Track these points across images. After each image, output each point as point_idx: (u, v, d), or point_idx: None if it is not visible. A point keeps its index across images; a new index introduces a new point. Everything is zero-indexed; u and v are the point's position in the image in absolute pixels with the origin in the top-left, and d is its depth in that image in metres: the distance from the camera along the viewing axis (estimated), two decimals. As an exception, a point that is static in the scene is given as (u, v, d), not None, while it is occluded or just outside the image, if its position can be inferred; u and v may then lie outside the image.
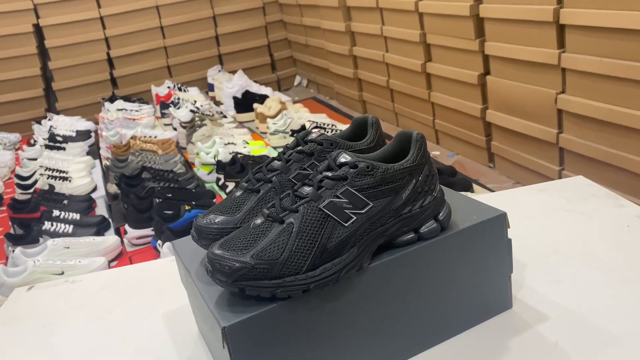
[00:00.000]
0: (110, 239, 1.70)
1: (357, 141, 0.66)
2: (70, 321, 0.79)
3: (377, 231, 0.54)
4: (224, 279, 0.52)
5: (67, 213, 1.86)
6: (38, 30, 3.32)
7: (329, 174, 0.54)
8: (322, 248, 0.51)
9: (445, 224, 0.58)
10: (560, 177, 1.88)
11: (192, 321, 0.72)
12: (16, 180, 2.27)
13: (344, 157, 0.54)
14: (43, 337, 0.76)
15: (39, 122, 3.09)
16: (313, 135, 0.66)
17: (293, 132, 2.45)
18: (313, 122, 2.45)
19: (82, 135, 2.88)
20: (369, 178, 0.53)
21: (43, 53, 3.38)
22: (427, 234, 0.57)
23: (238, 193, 0.64)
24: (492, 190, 2.02)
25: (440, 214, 0.58)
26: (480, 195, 1.07)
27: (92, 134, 2.95)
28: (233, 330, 0.51)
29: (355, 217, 0.53)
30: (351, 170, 0.53)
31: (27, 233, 1.74)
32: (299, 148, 0.65)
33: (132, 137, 2.42)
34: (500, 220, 0.61)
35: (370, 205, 0.53)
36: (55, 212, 1.84)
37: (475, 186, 2.00)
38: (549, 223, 0.83)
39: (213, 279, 0.53)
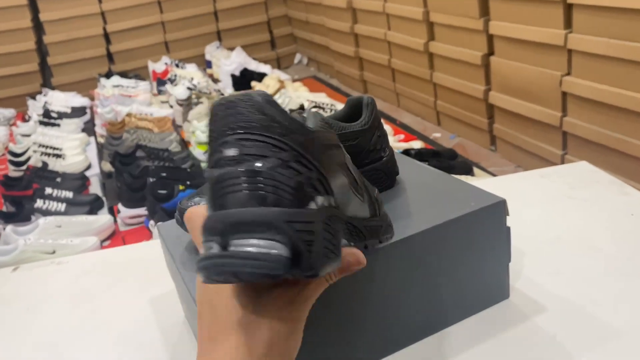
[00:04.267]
0: (102, 218, 1.68)
1: (352, 122, 0.63)
2: (55, 304, 0.76)
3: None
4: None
5: (60, 191, 1.83)
6: (32, 4, 3.25)
7: None
8: None
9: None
10: (563, 161, 1.84)
11: (179, 306, 0.69)
12: (9, 157, 2.24)
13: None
14: (25, 320, 0.74)
15: (33, 98, 3.05)
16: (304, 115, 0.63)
17: (291, 111, 2.41)
18: (312, 101, 2.41)
19: (77, 112, 2.84)
20: None
21: (38, 27, 3.32)
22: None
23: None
24: (493, 174, 1.99)
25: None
26: (480, 180, 1.04)
27: (88, 111, 2.91)
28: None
29: None
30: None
31: (19, 211, 1.71)
32: None
33: (127, 115, 2.39)
34: (499, 207, 0.58)
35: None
36: (48, 190, 1.82)
37: (475, 169, 1.98)
38: (549, 210, 0.79)
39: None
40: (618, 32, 1.52)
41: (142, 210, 1.71)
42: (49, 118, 2.68)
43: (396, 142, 2.18)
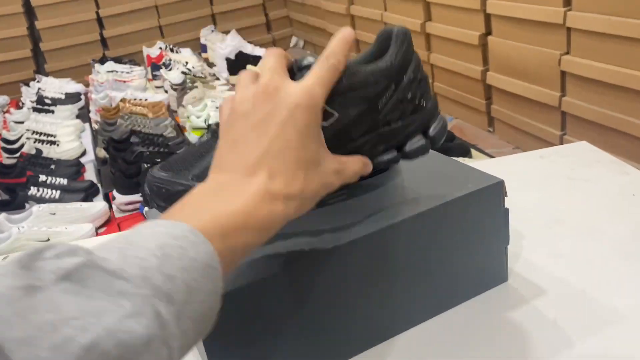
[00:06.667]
0: (97, 205, 1.67)
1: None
2: (45, 293, 0.75)
3: (346, 149, 0.43)
4: (163, 203, 0.45)
5: (54, 178, 1.81)
6: (23, -12, 3.20)
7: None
8: None
9: (437, 142, 0.48)
10: (561, 142, 1.83)
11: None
12: (2, 144, 2.22)
13: (308, 60, 0.43)
14: (15, 309, 0.72)
15: (27, 84, 3.01)
16: (310, 60, 0.51)
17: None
18: (308, 84, 2.38)
19: (72, 98, 2.81)
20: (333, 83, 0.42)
21: (29, 12, 3.27)
22: (413, 152, 0.47)
23: (205, 138, 0.55)
24: (491, 156, 1.97)
25: (431, 129, 0.47)
26: (478, 161, 1.03)
27: (82, 97, 2.88)
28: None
29: None
30: None
31: (13, 198, 1.70)
32: None
33: (121, 100, 2.36)
34: (497, 189, 0.57)
35: (335, 117, 0.41)
36: (42, 177, 1.80)
37: (473, 151, 1.96)
38: (549, 191, 0.78)
39: (151, 204, 0.47)
40: (618, 9, 1.49)
41: (138, 197, 1.69)
42: (42, 104, 2.65)
43: (394, 124, 2.16)
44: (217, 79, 2.85)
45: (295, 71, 0.42)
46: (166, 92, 2.63)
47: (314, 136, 0.38)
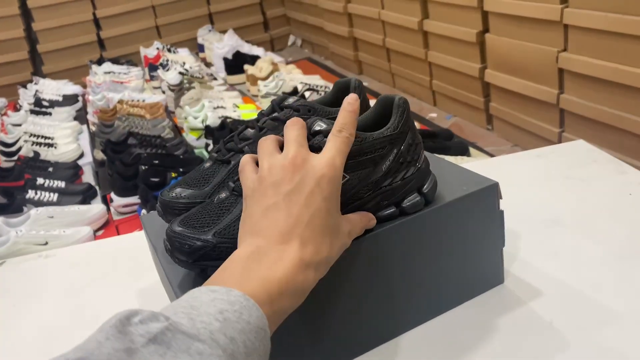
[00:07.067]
0: (95, 207, 1.66)
1: (339, 107, 0.60)
2: (41, 299, 0.75)
3: (354, 205, 0.49)
4: (184, 258, 0.47)
5: (52, 181, 1.81)
6: (19, -10, 3.19)
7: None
8: None
9: (430, 198, 0.53)
10: (560, 139, 1.82)
11: (167, 298, 0.68)
12: (0, 147, 2.21)
13: (319, 125, 0.47)
14: (11, 316, 0.72)
15: (24, 86, 3.01)
16: (290, 101, 0.60)
17: (284, 94, 2.38)
18: (305, 84, 2.38)
19: (69, 100, 2.80)
20: None
21: (26, 14, 3.26)
22: (410, 208, 0.52)
23: (207, 164, 0.59)
24: (490, 154, 1.97)
25: (425, 187, 0.52)
26: (475, 161, 1.02)
27: (80, 99, 2.87)
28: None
29: None
30: (325, 140, 0.45)
31: (11, 202, 1.69)
32: (274, 115, 0.59)
33: (119, 102, 2.35)
34: (491, 191, 0.57)
35: (346, 179, 0.47)
36: (40, 180, 1.79)
37: (472, 150, 1.95)
38: (546, 191, 0.78)
39: (172, 259, 0.49)
40: (615, 6, 1.48)
41: (135, 199, 1.69)
42: (40, 107, 2.64)
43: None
44: (215, 78, 2.84)
45: (309, 137, 0.46)
46: (164, 92, 2.62)
47: (336, 203, 0.43)
